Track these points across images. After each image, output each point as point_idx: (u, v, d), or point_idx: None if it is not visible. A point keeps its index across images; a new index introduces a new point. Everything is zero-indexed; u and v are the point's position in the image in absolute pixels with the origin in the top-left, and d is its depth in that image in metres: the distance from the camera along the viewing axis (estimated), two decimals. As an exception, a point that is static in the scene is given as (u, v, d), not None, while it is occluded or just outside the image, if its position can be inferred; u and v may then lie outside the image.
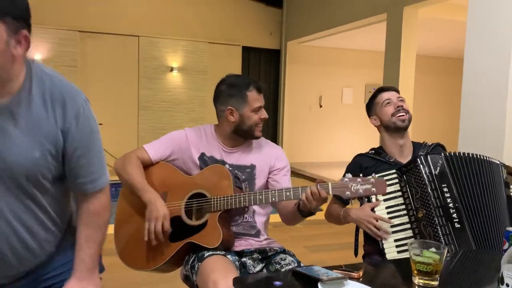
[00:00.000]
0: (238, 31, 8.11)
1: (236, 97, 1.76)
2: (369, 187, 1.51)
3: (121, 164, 1.79)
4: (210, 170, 1.75)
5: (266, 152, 1.88)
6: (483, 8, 2.96)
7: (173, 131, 1.88)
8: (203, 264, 1.57)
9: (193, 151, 1.82)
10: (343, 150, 8.75)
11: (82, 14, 7.05)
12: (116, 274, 1.84)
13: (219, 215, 1.64)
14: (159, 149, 1.82)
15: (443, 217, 1.73)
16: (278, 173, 1.85)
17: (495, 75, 2.88)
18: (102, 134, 1.34)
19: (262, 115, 1.79)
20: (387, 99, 2.03)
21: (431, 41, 7.48)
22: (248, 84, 1.76)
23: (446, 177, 1.78)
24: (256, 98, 1.77)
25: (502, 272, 1.06)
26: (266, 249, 1.78)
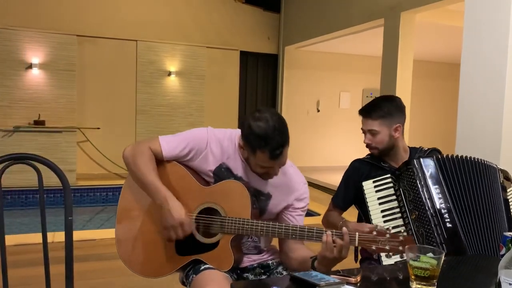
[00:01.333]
0: (236, 36, 8.13)
1: (249, 144, 1.54)
2: (397, 245, 1.41)
3: (131, 154, 1.61)
4: (227, 185, 1.60)
5: (288, 186, 1.69)
6: (479, 13, 2.98)
7: (195, 130, 1.68)
8: (198, 277, 1.52)
9: (210, 159, 1.64)
10: (340, 155, 8.75)
11: (80, 18, 7.06)
12: (115, 278, 1.82)
13: (232, 239, 1.55)
14: (176, 147, 1.63)
15: (434, 217, 1.75)
16: (293, 212, 1.70)
17: (491, 80, 2.89)
18: (99, 138, 1.32)
19: (270, 171, 1.58)
20: (362, 128, 2.01)
21: (428, 46, 7.51)
22: (265, 144, 1.49)
23: (438, 179, 1.80)
24: (264, 161, 1.53)
25: (499, 277, 1.06)
26: (269, 263, 1.73)
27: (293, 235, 1.50)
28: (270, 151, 1.50)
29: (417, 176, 1.80)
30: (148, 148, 1.61)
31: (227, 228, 1.54)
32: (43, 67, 6.79)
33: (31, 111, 6.72)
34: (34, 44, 6.74)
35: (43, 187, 1.59)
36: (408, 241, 1.43)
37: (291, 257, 1.65)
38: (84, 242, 3.86)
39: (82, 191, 6.56)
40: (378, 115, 1.93)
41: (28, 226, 5.04)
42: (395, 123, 1.95)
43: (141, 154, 1.60)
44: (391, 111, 1.94)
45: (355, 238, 1.42)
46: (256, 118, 1.52)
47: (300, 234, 1.49)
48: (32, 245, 3.68)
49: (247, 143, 1.55)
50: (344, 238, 1.40)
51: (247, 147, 1.56)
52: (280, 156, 1.53)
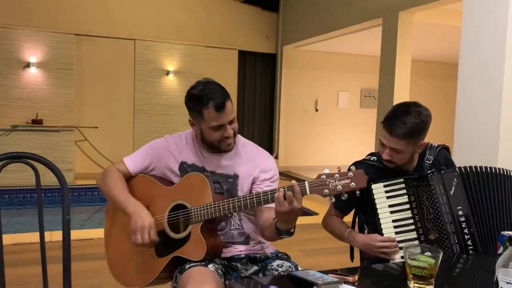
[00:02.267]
0: (235, 35, 8.12)
1: (194, 111, 1.67)
2: (348, 182, 1.38)
3: (101, 178, 1.74)
4: (187, 179, 1.67)
5: (252, 161, 1.75)
6: (477, 13, 2.98)
7: (153, 141, 1.82)
8: (182, 276, 1.54)
9: (172, 160, 1.75)
10: (338, 154, 8.76)
11: (78, 17, 7.05)
12: (108, 279, 1.82)
13: (201, 226, 1.58)
14: (138, 160, 1.76)
15: (457, 244, 1.66)
16: (262, 183, 1.73)
17: (489, 80, 2.90)
18: (97, 137, 1.33)
19: (225, 133, 1.64)
20: (382, 143, 1.78)
21: (426, 46, 7.52)
22: (207, 100, 1.60)
23: (461, 198, 1.68)
24: (213, 117, 1.61)
25: (496, 276, 1.06)
26: (257, 256, 1.73)
27: (251, 203, 1.52)
28: (213, 104, 1.60)
29: (439, 195, 1.67)
30: (115, 169, 1.75)
31: (194, 218, 1.60)
32: (41, 66, 6.77)
33: (29, 110, 6.71)
34: (32, 43, 6.73)
35: (40, 186, 1.59)
36: (358, 175, 1.39)
37: (264, 227, 1.66)
38: (81, 242, 3.86)
39: (80, 190, 6.55)
40: (406, 134, 1.68)
41: (25, 225, 5.02)
42: (421, 140, 1.75)
43: (109, 175, 1.73)
44: (421, 130, 1.71)
45: (305, 186, 1.41)
46: (192, 87, 1.71)
47: (257, 199, 1.51)
48: (30, 244, 3.67)
49: (193, 112, 1.67)
50: (295, 189, 1.40)
51: (194, 116, 1.67)
52: (224, 106, 1.61)
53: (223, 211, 1.56)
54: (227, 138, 1.66)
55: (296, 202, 1.39)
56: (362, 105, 9.11)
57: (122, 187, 1.70)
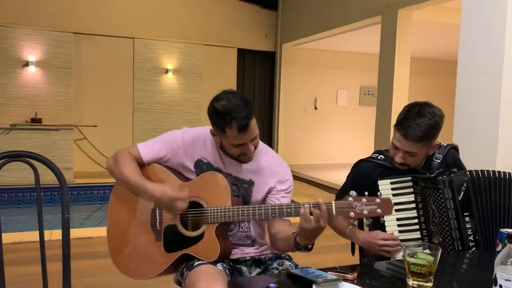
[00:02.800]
0: (234, 33, 8.12)
1: (216, 125, 1.61)
2: (374, 208, 1.40)
3: (113, 161, 1.69)
4: (206, 178, 1.64)
5: (269, 170, 1.72)
6: (476, 11, 2.98)
7: (170, 132, 1.77)
8: (191, 273, 1.53)
9: (188, 156, 1.71)
10: (338, 152, 8.77)
11: (76, 15, 7.03)
12: (108, 277, 1.82)
13: (216, 228, 1.57)
14: (153, 149, 1.71)
15: (461, 250, 1.65)
16: (277, 194, 1.73)
17: (488, 77, 2.90)
18: (96, 136, 1.32)
19: (245, 150, 1.62)
20: (395, 146, 1.73)
21: (425, 44, 7.51)
22: (230, 120, 1.54)
23: (470, 204, 1.64)
24: (235, 137, 1.57)
25: (495, 273, 1.06)
26: (262, 257, 1.74)
27: (273, 214, 1.52)
28: (237, 124, 1.54)
29: (447, 199, 1.65)
30: (128, 153, 1.70)
31: (210, 218, 1.58)
32: (40, 64, 6.76)
33: (28, 109, 6.70)
34: (30, 42, 6.71)
35: (40, 185, 1.59)
36: (385, 203, 1.40)
37: (278, 238, 1.67)
38: (81, 240, 3.86)
39: (79, 189, 6.55)
40: (421, 137, 1.66)
41: (25, 224, 5.03)
42: (434, 141, 1.74)
43: (121, 158, 1.68)
44: (435, 131, 1.69)
45: (332, 206, 1.42)
46: (217, 99, 1.60)
47: (280, 211, 1.51)
48: (29, 243, 3.67)
49: (215, 125, 1.61)
50: (321, 208, 1.41)
51: (216, 130, 1.62)
52: (247, 127, 1.55)
53: (241, 217, 1.55)
54: (247, 153, 1.64)
55: (322, 221, 1.41)
56: (361, 103, 9.11)
57: (136, 170, 1.65)
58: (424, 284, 1.22)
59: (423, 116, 1.67)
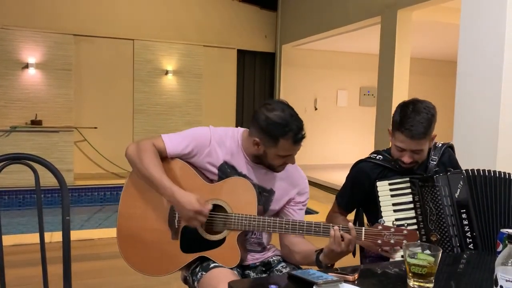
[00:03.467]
0: (233, 34, 8.12)
1: (268, 136, 1.55)
2: (401, 238, 1.44)
3: (136, 151, 1.61)
4: (232, 182, 1.60)
5: (290, 180, 1.71)
6: (475, 11, 2.98)
7: (197, 128, 1.69)
8: (208, 275, 1.52)
9: (213, 156, 1.65)
10: (338, 153, 8.77)
11: (76, 17, 7.04)
12: (113, 278, 1.82)
13: (238, 235, 1.55)
14: (179, 144, 1.63)
15: (458, 247, 1.66)
16: (295, 206, 1.72)
17: (488, 77, 2.90)
18: (97, 138, 1.32)
19: (288, 161, 1.61)
20: (401, 148, 1.75)
21: (425, 44, 7.52)
22: (287, 131, 1.53)
23: (466, 201, 1.67)
24: (287, 149, 1.56)
25: (496, 274, 1.06)
26: (270, 260, 1.74)
27: (300, 230, 1.52)
28: (293, 136, 1.54)
29: (444, 196, 1.68)
30: (152, 145, 1.61)
31: (233, 225, 1.55)
32: (40, 66, 6.77)
33: (28, 111, 6.70)
34: (30, 44, 6.72)
35: (40, 187, 1.59)
36: (412, 235, 1.45)
37: (293, 251, 1.66)
38: (82, 242, 3.86)
39: (79, 191, 6.55)
40: (426, 132, 1.70)
41: (25, 226, 5.03)
42: (433, 133, 1.78)
43: (145, 151, 1.60)
44: (433, 124, 1.74)
45: (361, 232, 1.47)
46: (270, 109, 1.56)
47: (307, 229, 1.51)
48: (30, 245, 3.67)
49: (267, 135, 1.55)
50: (352, 232, 1.45)
51: (267, 140, 1.56)
52: (302, 139, 1.57)
53: (267, 228, 1.54)
54: (287, 164, 1.63)
55: (351, 246, 1.45)
56: (361, 103, 9.12)
57: (159, 166, 1.58)
58: (424, 285, 1.22)
59: (421, 112, 1.70)
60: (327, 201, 1.91)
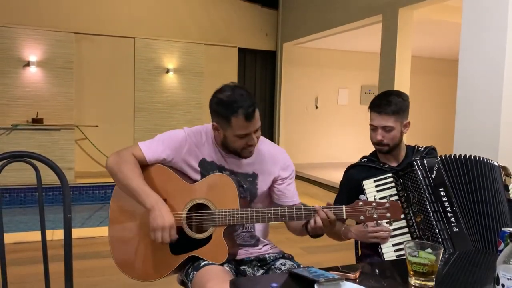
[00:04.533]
0: (234, 33, 8.12)
1: (221, 117, 1.59)
2: (384, 212, 1.47)
3: (116, 163, 1.63)
4: (212, 179, 1.63)
5: (270, 159, 1.74)
6: (477, 10, 2.98)
7: (171, 131, 1.73)
8: (199, 274, 1.53)
9: (192, 156, 1.69)
10: (339, 151, 8.76)
11: (77, 15, 7.04)
12: (110, 277, 1.82)
13: (224, 230, 1.57)
14: (156, 150, 1.67)
15: (441, 221, 1.73)
16: (283, 183, 1.75)
17: (489, 76, 2.89)
18: (98, 136, 1.32)
19: (250, 141, 1.61)
20: (372, 125, 1.92)
21: (426, 43, 7.50)
22: (236, 108, 1.54)
23: (443, 181, 1.77)
24: (241, 126, 1.56)
25: (497, 272, 1.06)
26: (266, 256, 1.74)
27: (283, 217, 1.55)
28: (243, 112, 1.54)
29: (422, 178, 1.77)
30: (131, 155, 1.64)
31: (218, 221, 1.57)
32: (41, 64, 6.77)
33: (29, 109, 6.71)
34: (31, 42, 6.72)
35: (41, 185, 1.59)
36: (394, 207, 1.48)
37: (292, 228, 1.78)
38: (83, 240, 3.87)
39: (81, 189, 6.56)
40: (393, 110, 1.86)
41: (27, 224, 5.04)
42: (405, 119, 1.92)
43: (125, 161, 1.62)
44: (403, 107, 1.89)
45: (342, 211, 1.50)
46: (220, 91, 1.62)
47: (290, 215, 1.55)
48: (31, 243, 3.68)
49: (220, 117, 1.60)
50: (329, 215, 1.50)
51: (220, 121, 1.60)
52: (253, 115, 1.57)
53: (251, 220, 1.56)
54: (250, 146, 1.63)
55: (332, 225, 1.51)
56: (362, 102, 9.10)
57: (140, 176, 1.59)
58: (426, 283, 1.22)
59: (390, 95, 1.90)
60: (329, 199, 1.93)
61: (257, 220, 1.57)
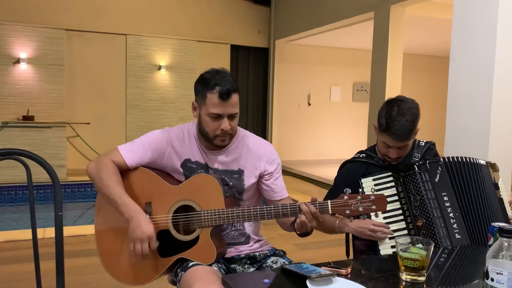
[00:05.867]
0: (227, 30, 8.10)
1: (199, 94, 1.61)
2: (369, 205, 1.46)
3: (96, 170, 1.61)
4: (197, 180, 1.61)
5: (255, 154, 1.72)
6: (468, 6, 2.99)
7: (151, 132, 1.70)
8: (186, 274, 1.52)
9: (175, 157, 1.67)
10: (331, 148, 8.80)
11: (68, 12, 6.98)
12: (102, 274, 1.81)
13: (210, 231, 1.56)
14: (137, 153, 1.64)
15: (444, 228, 1.72)
16: (270, 178, 1.74)
17: (480, 73, 2.92)
18: (89, 134, 1.31)
19: (222, 125, 1.58)
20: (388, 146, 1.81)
21: (418, 39, 7.54)
22: (213, 85, 1.55)
23: (446, 185, 1.76)
24: (215, 104, 1.55)
25: (487, 267, 1.07)
26: (256, 254, 1.74)
27: (268, 215, 1.54)
28: (219, 90, 1.55)
29: (425, 182, 1.76)
30: (110, 161, 1.62)
31: (204, 222, 1.56)
32: (32, 61, 6.71)
33: (19, 106, 6.65)
34: (22, 39, 6.65)
35: (32, 182, 1.58)
36: (379, 199, 1.47)
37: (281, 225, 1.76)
38: (75, 238, 3.85)
39: (73, 187, 6.52)
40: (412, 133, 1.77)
41: (18, 223, 5.00)
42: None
43: (104, 168, 1.60)
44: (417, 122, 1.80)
45: (327, 206, 1.49)
46: (206, 72, 1.65)
47: (275, 213, 1.54)
48: (22, 241, 3.66)
49: (198, 94, 1.62)
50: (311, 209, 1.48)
51: (198, 99, 1.62)
52: (229, 95, 1.56)
53: (236, 219, 1.55)
54: (223, 133, 1.60)
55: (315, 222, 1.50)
56: (355, 99, 9.14)
57: (118, 184, 1.57)
58: (417, 278, 1.23)
59: (405, 114, 1.75)
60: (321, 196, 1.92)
61: (243, 219, 1.56)
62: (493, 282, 1.05)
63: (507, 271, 1.03)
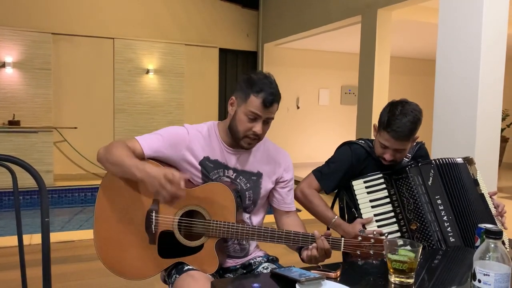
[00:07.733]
0: (215, 33, 8.09)
1: (242, 92, 1.58)
2: (381, 250, 1.45)
3: (105, 150, 1.56)
4: (210, 187, 1.57)
5: (275, 159, 1.72)
6: (453, 11, 3.03)
7: (171, 127, 1.66)
8: (181, 278, 1.51)
9: (193, 154, 1.63)
10: (320, 151, 8.81)
11: (55, 15, 6.92)
12: (94, 280, 1.79)
13: (216, 242, 1.54)
14: (155, 144, 1.59)
15: (438, 232, 1.72)
16: (285, 187, 1.74)
17: (466, 75, 2.95)
18: (77, 138, 1.29)
19: (255, 128, 1.57)
20: (384, 145, 1.80)
21: (405, 43, 7.62)
22: (260, 90, 1.54)
23: (439, 188, 1.76)
24: (256, 106, 1.54)
25: (474, 268, 1.08)
26: (251, 262, 1.72)
27: (279, 239, 1.52)
28: (263, 96, 1.54)
29: (418, 186, 1.75)
30: (123, 142, 1.58)
31: (211, 232, 1.53)
32: (17, 66, 6.63)
33: (5, 111, 6.57)
34: (7, 43, 6.58)
35: (18, 188, 1.56)
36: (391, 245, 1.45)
37: None
38: (62, 244, 3.80)
39: (60, 192, 6.44)
40: (410, 136, 1.77)
41: (4, 229, 4.92)
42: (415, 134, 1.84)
43: (116, 146, 1.55)
44: (418, 126, 1.80)
45: (340, 244, 1.48)
46: (255, 73, 1.62)
47: (286, 238, 1.52)
48: (8, 248, 3.60)
49: (241, 91, 1.58)
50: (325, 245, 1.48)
51: (239, 96, 1.59)
52: (272, 104, 1.56)
53: (245, 236, 1.53)
54: (254, 136, 1.58)
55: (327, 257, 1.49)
56: (343, 102, 9.19)
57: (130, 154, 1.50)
58: (405, 280, 1.24)
59: (408, 115, 1.75)
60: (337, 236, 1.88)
61: (252, 238, 1.54)
62: (480, 283, 1.06)
63: (493, 272, 1.04)
